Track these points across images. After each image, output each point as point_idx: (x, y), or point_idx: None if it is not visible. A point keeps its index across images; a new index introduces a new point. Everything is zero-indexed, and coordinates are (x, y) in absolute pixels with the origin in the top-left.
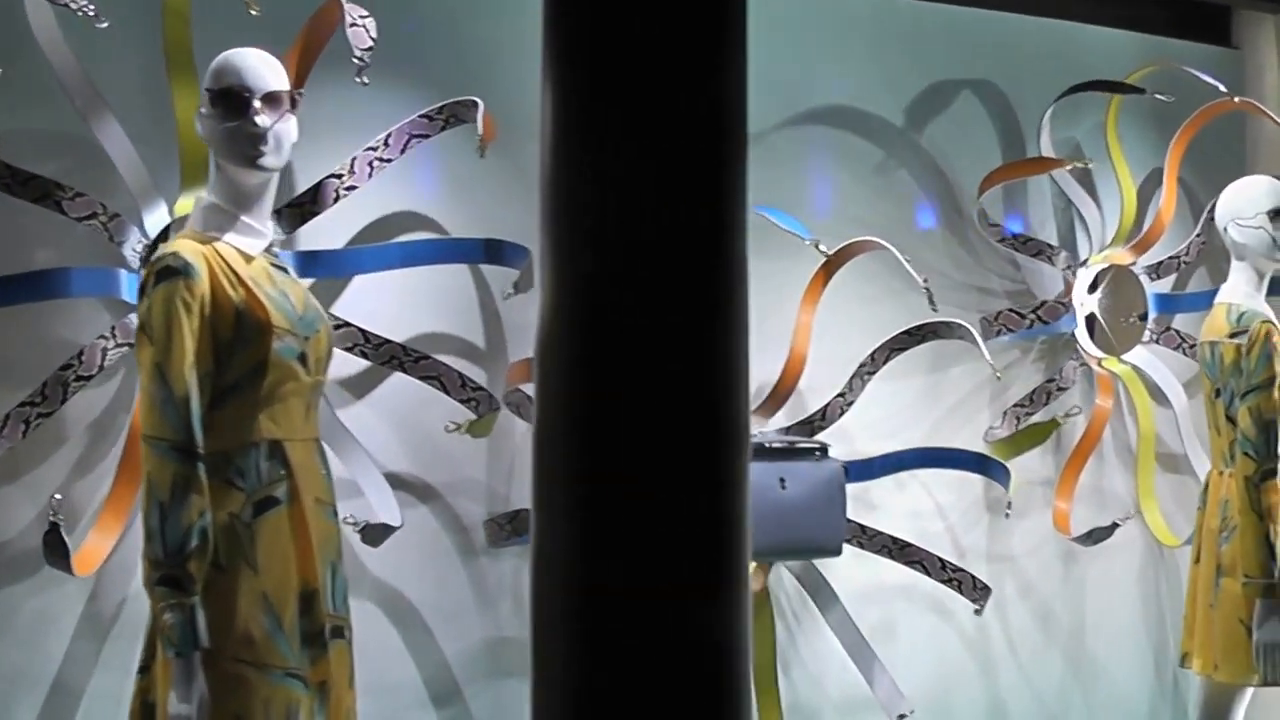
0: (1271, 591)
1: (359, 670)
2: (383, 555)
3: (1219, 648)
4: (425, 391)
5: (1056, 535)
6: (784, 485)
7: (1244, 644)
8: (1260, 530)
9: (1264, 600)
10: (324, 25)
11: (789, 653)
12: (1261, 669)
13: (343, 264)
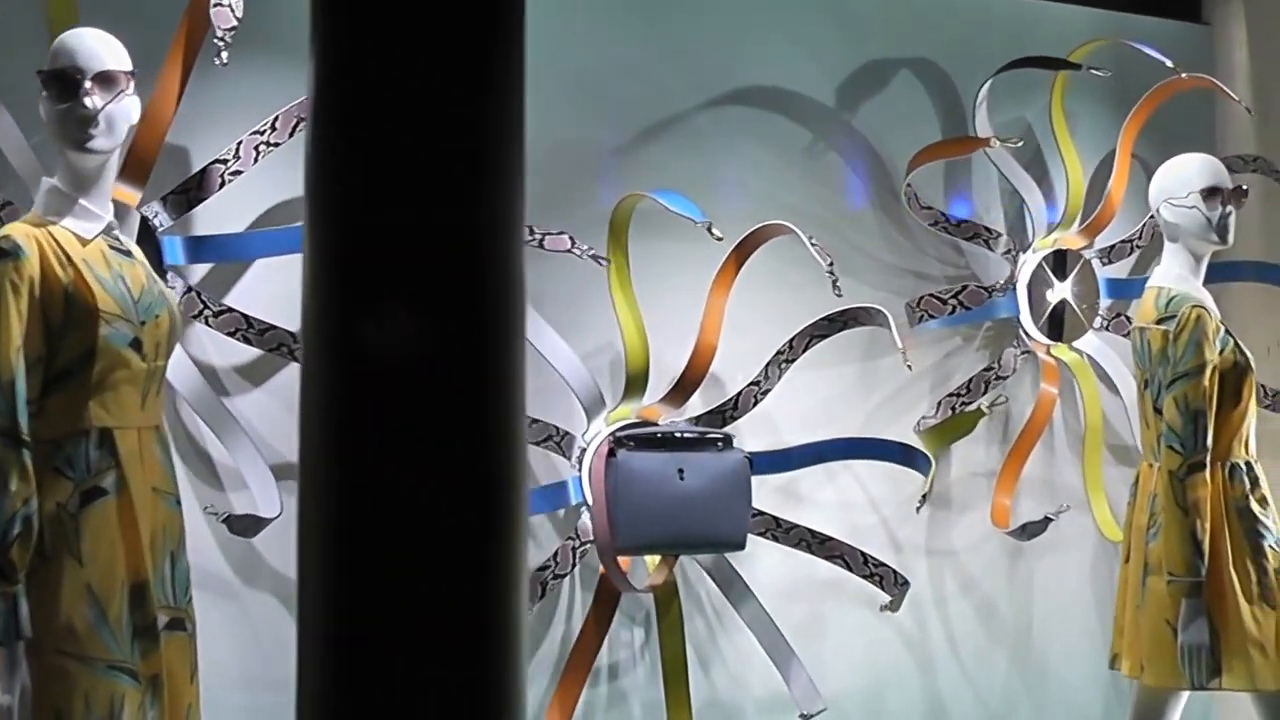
0: (1197, 591)
1: (257, 665)
2: (281, 548)
3: (1145, 649)
4: None
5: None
6: (682, 476)
7: (1170, 646)
8: (1185, 527)
9: (1189, 600)
10: (202, 7)
11: (709, 649)
12: (1187, 672)
13: (234, 249)
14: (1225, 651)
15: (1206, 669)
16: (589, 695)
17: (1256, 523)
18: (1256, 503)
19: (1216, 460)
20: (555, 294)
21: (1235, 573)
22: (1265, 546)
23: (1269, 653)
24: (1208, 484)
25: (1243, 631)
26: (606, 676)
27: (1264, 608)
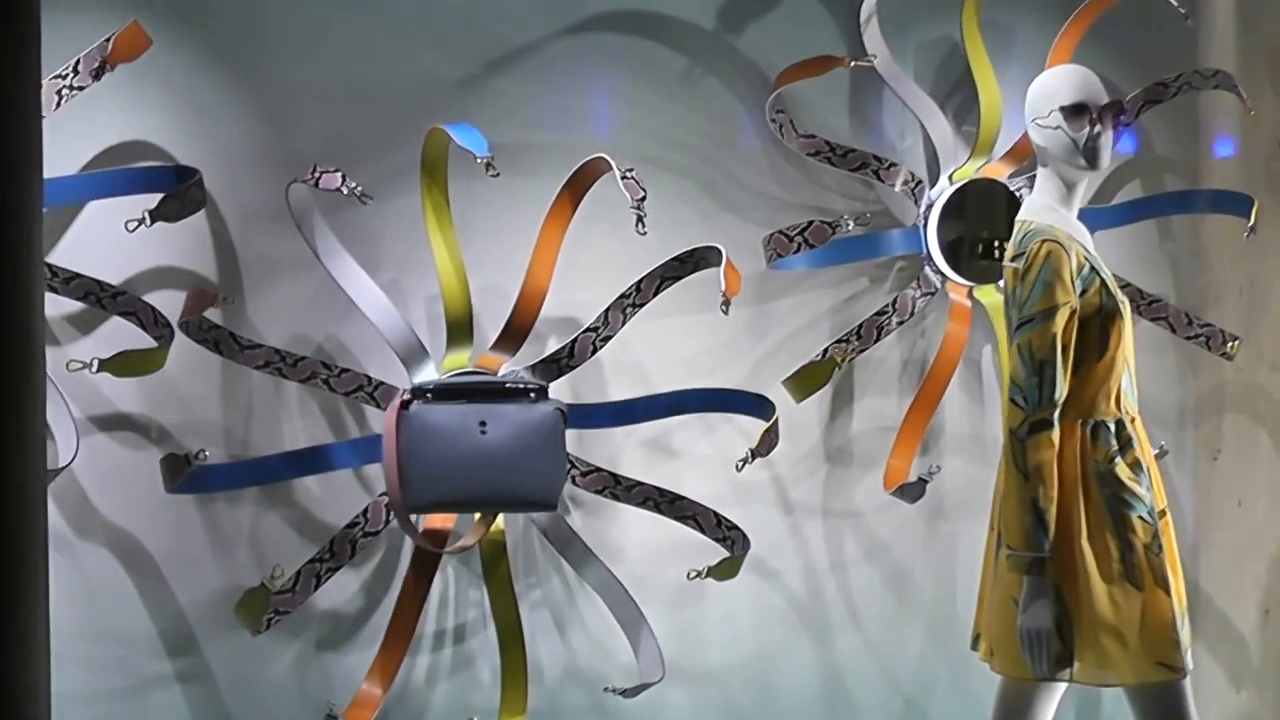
0: (1039, 568)
1: (90, 617)
2: (115, 498)
3: (995, 632)
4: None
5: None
6: (484, 429)
7: (1016, 629)
8: (1025, 494)
9: (1029, 578)
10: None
11: (568, 613)
12: (1029, 660)
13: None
14: (1077, 639)
15: (1051, 658)
16: (433, 659)
17: (1122, 490)
18: (1126, 467)
19: (1077, 418)
20: (404, 238)
21: (1091, 548)
22: (1132, 519)
23: (1128, 641)
24: (1054, 445)
25: (1095, 616)
26: (452, 639)
27: (1126, 589)
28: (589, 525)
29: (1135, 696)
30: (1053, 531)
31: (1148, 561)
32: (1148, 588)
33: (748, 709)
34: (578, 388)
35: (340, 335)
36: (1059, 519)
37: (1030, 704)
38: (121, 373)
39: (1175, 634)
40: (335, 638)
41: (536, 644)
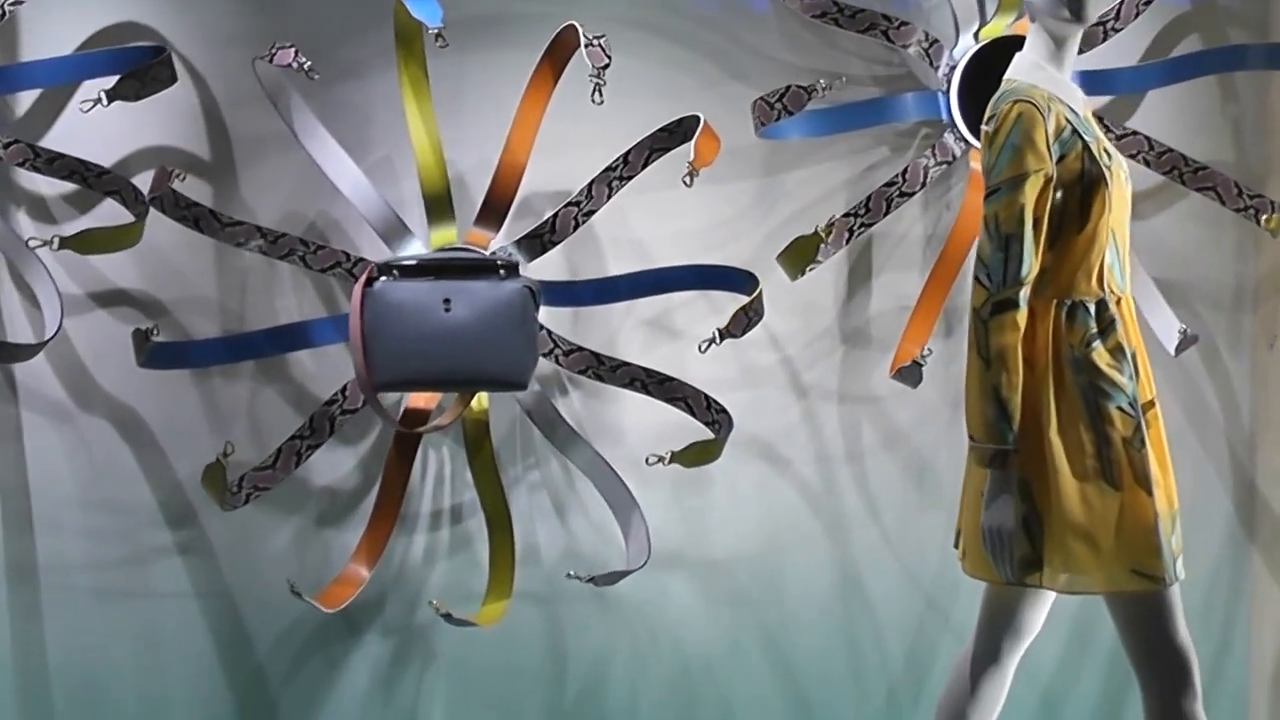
0: (1001, 461)
1: (92, 487)
2: (114, 373)
3: (965, 530)
4: None
5: (942, 375)
6: (448, 307)
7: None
8: (986, 382)
9: (992, 472)
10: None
11: (567, 497)
12: (993, 562)
13: (45, 74)
14: (1046, 541)
15: (1016, 561)
16: (429, 540)
17: (1099, 378)
18: (1106, 353)
19: (1053, 298)
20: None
21: (1062, 441)
22: (1111, 410)
23: (1100, 545)
24: (1019, 327)
25: (1064, 517)
26: (449, 519)
27: (1101, 488)
28: (587, 407)
29: (1112, 607)
30: (1017, 422)
31: (1128, 458)
32: (1127, 487)
33: (756, 602)
34: (576, 265)
35: (332, 212)
36: (1027, 409)
37: (1014, 610)
38: (88, 250)
39: (1156, 539)
40: (333, 514)
41: (535, 527)
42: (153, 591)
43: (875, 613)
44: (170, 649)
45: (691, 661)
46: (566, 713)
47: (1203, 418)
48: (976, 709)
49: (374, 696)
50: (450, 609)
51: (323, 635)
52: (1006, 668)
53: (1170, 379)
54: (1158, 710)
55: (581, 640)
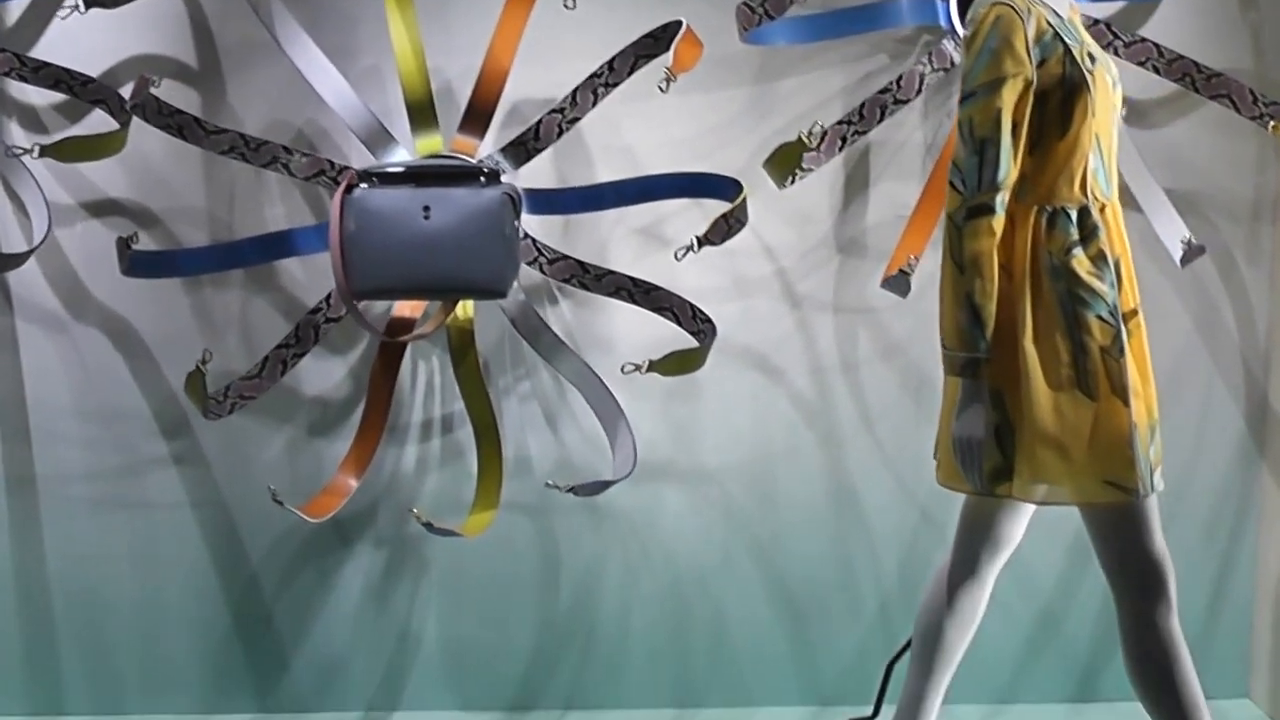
0: (972, 370)
1: (87, 397)
2: (107, 282)
3: (941, 439)
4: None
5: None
6: (428, 215)
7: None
8: (960, 288)
9: (965, 381)
10: None
11: (558, 407)
12: (963, 471)
13: None
14: (1017, 451)
15: (987, 472)
16: (421, 450)
17: (1078, 286)
18: (1087, 260)
19: (1033, 204)
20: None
21: (1037, 350)
22: (1089, 319)
23: (1072, 455)
24: (994, 234)
25: (1036, 426)
26: (440, 429)
27: (1076, 397)
28: (577, 317)
29: (1086, 518)
30: (990, 330)
31: (1105, 367)
32: (1102, 397)
33: (749, 513)
34: (564, 173)
35: (320, 120)
36: (1003, 317)
37: (991, 522)
38: (69, 157)
39: (1131, 450)
40: (324, 424)
41: (526, 439)
42: (148, 501)
43: (869, 525)
44: (166, 558)
45: (683, 572)
46: (558, 623)
47: (1217, 331)
48: (953, 621)
49: (367, 607)
50: (433, 519)
51: (315, 546)
52: (984, 580)
53: (1184, 291)
54: (1131, 621)
55: (574, 551)
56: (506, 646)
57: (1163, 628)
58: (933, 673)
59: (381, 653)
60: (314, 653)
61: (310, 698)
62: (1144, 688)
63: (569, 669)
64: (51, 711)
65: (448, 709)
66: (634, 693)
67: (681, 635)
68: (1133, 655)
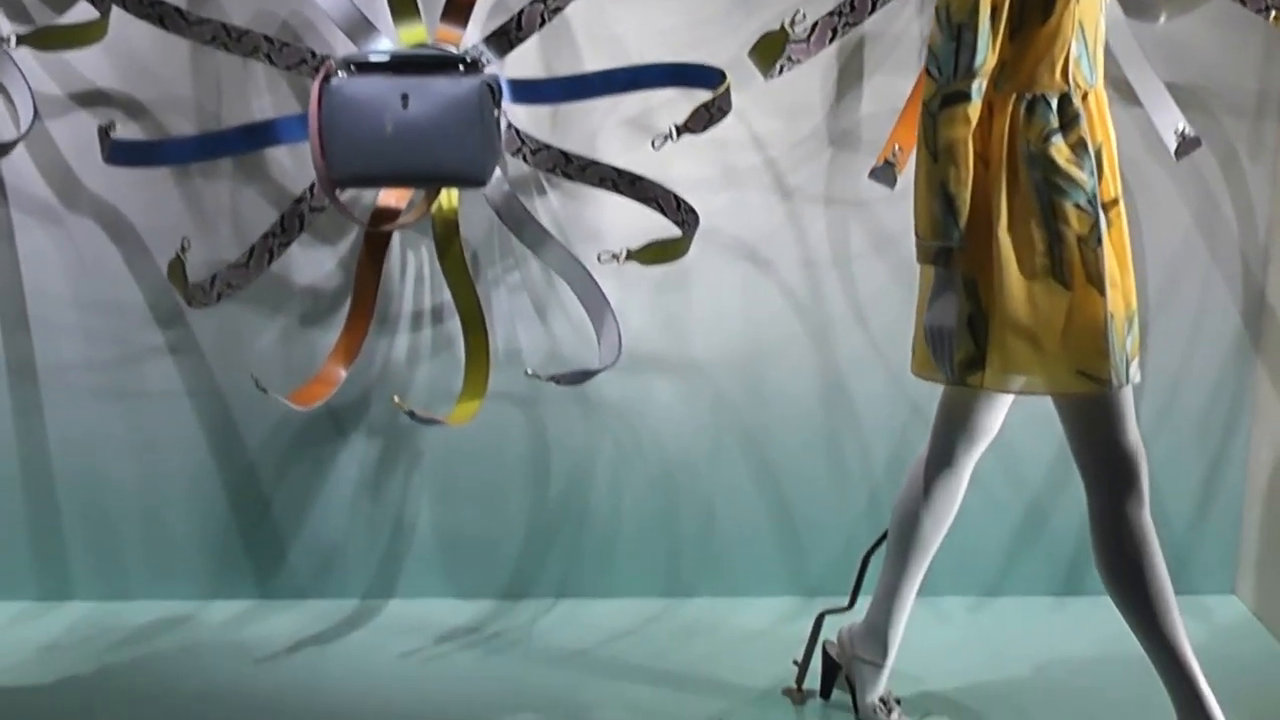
0: (945, 259)
1: (83, 287)
2: (98, 173)
3: (916, 328)
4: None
5: None
6: (406, 103)
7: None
8: (934, 177)
9: (937, 270)
10: None
11: (548, 297)
12: (935, 360)
13: None
14: (990, 340)
15: (959, 361)
16: (412, 339)
17: (1055, 174)
18: (1066, 148)
19: (1013, 91)
20: None
21: (1012, 238)
22: (1066, 208)
23: (1044, 345)
24: (970, 122)
25: (1007, 316)
26: (430, 319)
27: (1050, 286)
28: (566, 208)
29: (1059, 409)
30: (964, 219)
31: (1081, 256)
32: (1078, 286)
33: (738, 405)
34: (550, 62)
35: (305, 11)
36: (977, 206)
37: (968, 412)
38: (48, 46)
39: (1105, 341)
40: (316, 314)
41: (516, 329)
42: (146, 390)
43: (859, 417)
44: (165, 447)
45: (673, 463)
46: (550, 511)
47: (1216, 225)
48: (929, 512)
49: (361, 495)
50: (424, 408)
51: (310, 435)
52: (961, 472)
53: (1184, 186)
54: (1101, 513)
55: (564, 441)
56: (498, 535)
57: (1134, 521)
58: (908, 564)
59: (377, 541)
60: (311, 540)
61: (308, 584)
62: (1112, 581)
63: (560, 558)
64: (60, 597)
65: (442, 596)
66: (624, 582)
67: (671, 525)
68: (1102, 548)
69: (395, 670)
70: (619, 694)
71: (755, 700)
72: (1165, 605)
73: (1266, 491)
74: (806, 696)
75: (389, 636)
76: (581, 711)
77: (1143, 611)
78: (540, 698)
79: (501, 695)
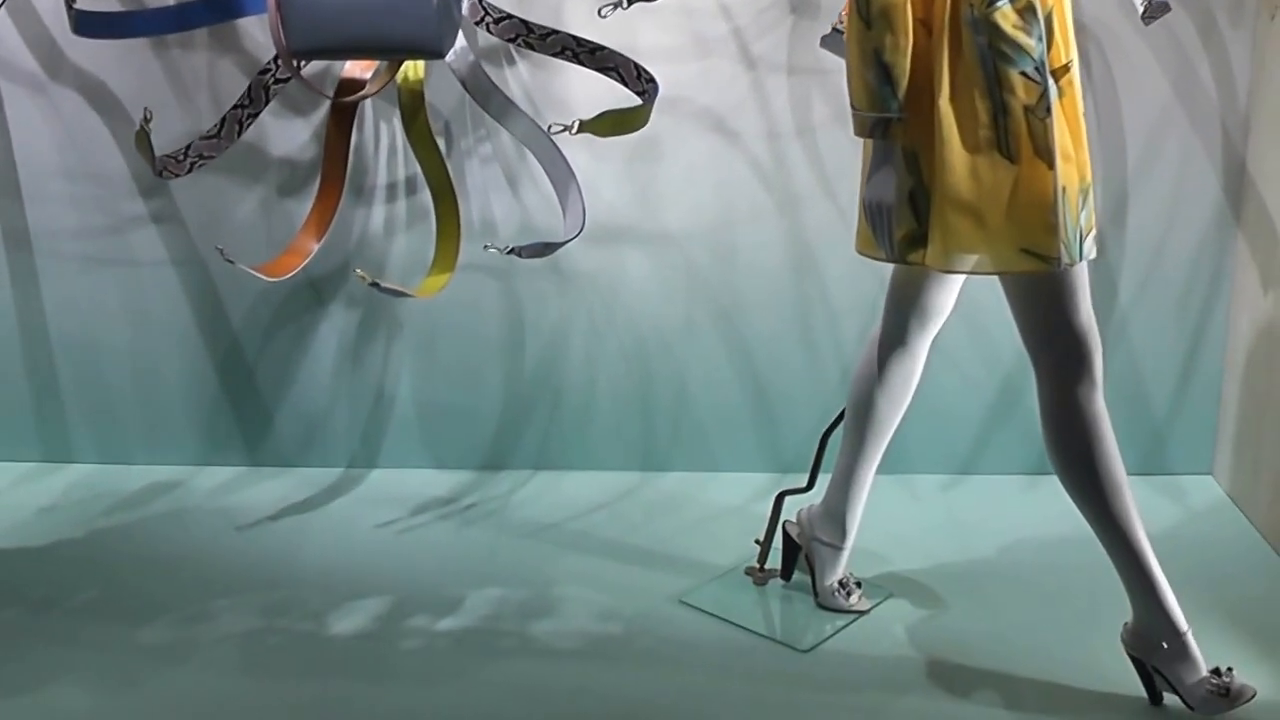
0: (882, 130)
1: (70, 157)
2: (81, 44)
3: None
4: None
5: None
6: None
7: None
8: (868, 44)
9: (875, 142)
10: None
11: (519, 169)
12: (874, 237)
13: None
14: (932, 217)
15: (901, 238)
16: (388, 210)
17: (1000, 40)
18: (1013, 13)
19: None
20: None
21: (954, 109)
22: (1011, 75)
23: (988, 221)
24: None
25: (948, 191)
26: (405, 190)
27: (994, 159)
28: (535, 79)
29: (1006, 288)
30: (903, 89)
31: (1028, 128)
32: (1024, 159)
33: (710, 276)
34: None
35: None
36: (919, 75)
37: (918, 290)
38: None
39: (1053, 216)
40: (293, 184)
41: (489, 200)
42: (134, 259)
43: (828, 292)
44: (155, 315)
45: (647, 336)
46: (526, 385)
47: (1195, 94)
48: (884, 392)
49: (344, 365)
50: (380, 280)
51: (292, 305)
52: (915, 350)
53: (1161, 53)
54: (1050, 398)
55: (539, 314)
56: (477, 407)
57: (1085, 405)
58: (865, 446)
59: (359, 411)
60: (296, 409)
61: (295, 452)
62: (1062, 467)
63: (537, 430)
64: (64, 459)
65: (422, 467)
66: (600, 454)
67: (646, 399)
68: (1052, 433)
69: (371, 539)
70: (585, 569)
71: (719, 578)
72: (1116, 491)
73: (1244, 367)
74: (768, 576)
75: (368, 506)
76: (547, 586)
77: (1094, 498)
78: (508, 570)
79: (470, 566)
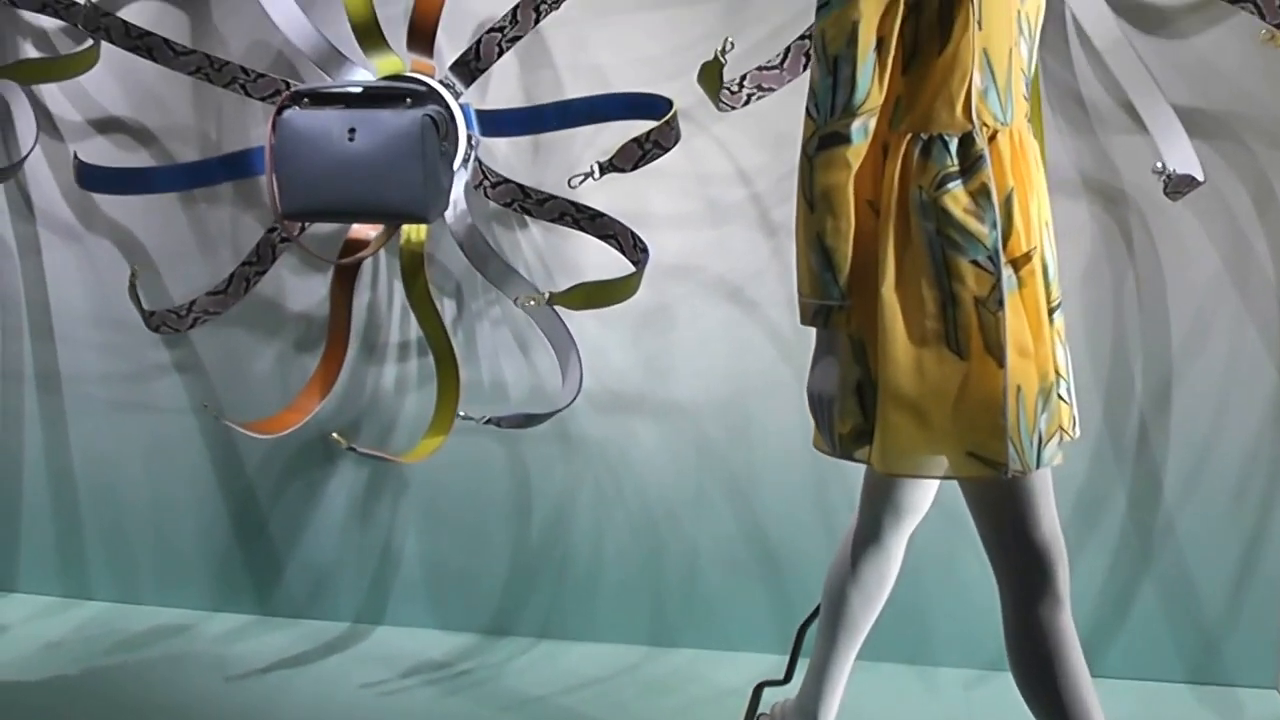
0: (826, 318)
1: (100, 305)
2: (112, 197)
3: None
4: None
5: None
6: (352, 137)
7: None
8: (811, 228)
9: (819, 331)
10: None
11: (528, 333)
12: (818, 430)
13: None
14: (876, 412)
15: (848, 433)
16: (400, 370)
17: (950, 226)
18: (965, 196)
19: (908, 131)
20: None
21: (900, 298)
22: (962, 265)
23: (932, 421)
24: (850, 166)
25: (890, 386)
26: (417, 350)
27: (942, 354)
28: (547, 242)
29: (963, 492)
30: (845, 275)
31: (979, 321)
32: (974, 355)
33: (722, 449)
34: (530, 91)
35: (299, 42)
36: (864, 260)
37: (888, 486)
38: (28, 79)
39: (1001, 419)
40: (309, 339)
41: (499, 363)
42: (157, 405)
43: (845, 467)
44: (174, 461)
45: (656, 508)
46: (532, 551)
47: (1248, 268)
48: (857, 589)
49: (352, 521)
50: (354, 444)
51: (304, 459)
52: (889, 549)
53: (1212, 227)
54: (1009, 610)
55: (545, 480)
56: (483, 570)
57: (1045, 623)
58: (837, 643)
59: (366, 567)
60: (306, 561)
61: (304, 604)
62: (1022, 683)
63: (543, 597)
64: (82, 595)
65: (428, 627)
66: (607, 626)
67: (654, 572)
68: (1010, 646)
69: (352, 699)
70: None
71: None
72: (1081, 713)
73: None
74: None
75: (361, 665)
76: None
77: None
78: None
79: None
